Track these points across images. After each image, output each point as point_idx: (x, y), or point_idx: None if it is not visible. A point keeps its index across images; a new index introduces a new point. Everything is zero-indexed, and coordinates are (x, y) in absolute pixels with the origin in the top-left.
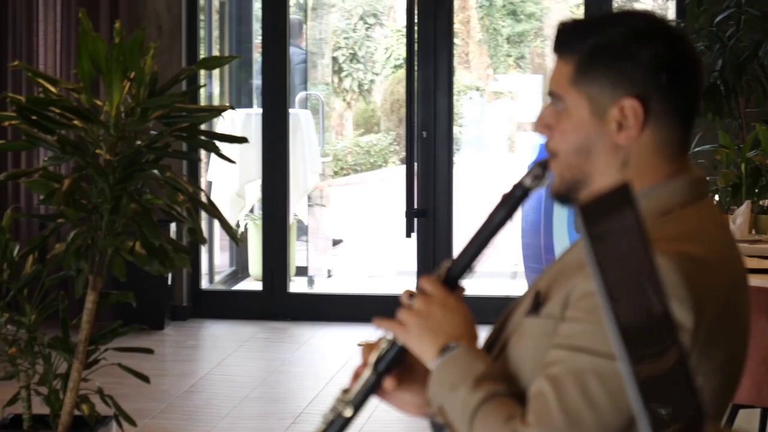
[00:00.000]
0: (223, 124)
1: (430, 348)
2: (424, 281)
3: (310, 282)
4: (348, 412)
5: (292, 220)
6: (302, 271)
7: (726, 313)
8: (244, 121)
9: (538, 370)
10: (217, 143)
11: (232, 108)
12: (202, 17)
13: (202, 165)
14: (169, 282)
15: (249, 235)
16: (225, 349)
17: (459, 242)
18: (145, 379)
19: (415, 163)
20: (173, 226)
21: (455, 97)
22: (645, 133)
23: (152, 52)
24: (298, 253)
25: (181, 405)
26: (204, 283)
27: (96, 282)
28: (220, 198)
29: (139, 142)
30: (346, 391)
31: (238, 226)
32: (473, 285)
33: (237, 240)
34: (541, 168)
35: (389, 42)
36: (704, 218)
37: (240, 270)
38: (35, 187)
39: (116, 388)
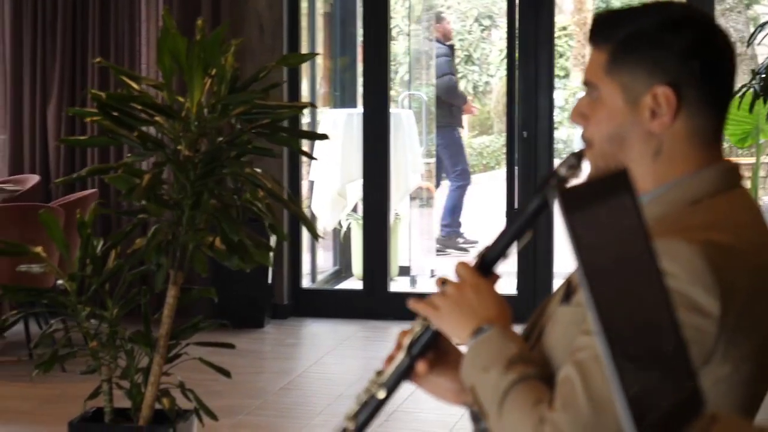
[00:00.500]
0: (325, 123)
1: (463, 331)
2: (459, 266)
3: (413, 281)
4: (381, 394)
5: (393, 219)
6: (405, 270)
7: (756, 300)
8: (345, 120)
9: (567, 356)
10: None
11: (313, 105)
12: (305, 12)
13: (304, 165)
14: (270, 280)
15: (352, 234)
16: (324, 347)
17: (559, 244)
18: (226, 373)
19: (516, 166)
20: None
21: (570, 98)
22: (678, 121)
23: (233, 48)
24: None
25: (276, 402)
26: (307, 283)
27: (177, 277)
28: (321, 197)
29: (220, 139)
30: (379, 373)
31: (340, 225)
32: None
33: (316, 235)
34: (575, 158)
35: (504, 44)
36: (735, 207)
37: (343, 269)
38: (118, 183)
39: (211, 385)
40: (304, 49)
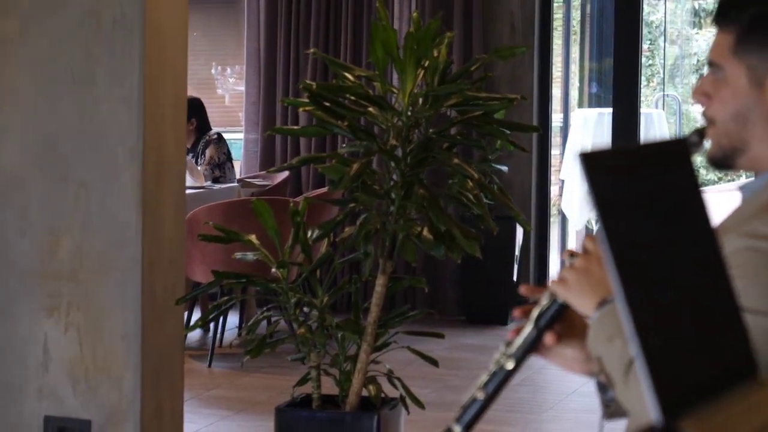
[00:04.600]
0: (576, 122)
1: (590, 302)
2: (587, 240)
3: None
4: (509, 365)
5: None
6: None
7: None
8: (596, 119)
9: None
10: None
11: (524, 98)
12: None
13: (555, 164)
14: (515, 278)
15: None
16: None
17: None
18: (434, 362)
19: None
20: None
21: None
22: None
23: (447, 41)
24: None
25: (508, 396)
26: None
27: (386, 266)
28: (571, 196)
29: (431, 130)
30: (508, 345)
31: (590, 223)
32: None
33: (526, 227)
34: (697, 135)
35: None
36: None
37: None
38: (330, 172)
39: (450, 380)
40: (557, 49)
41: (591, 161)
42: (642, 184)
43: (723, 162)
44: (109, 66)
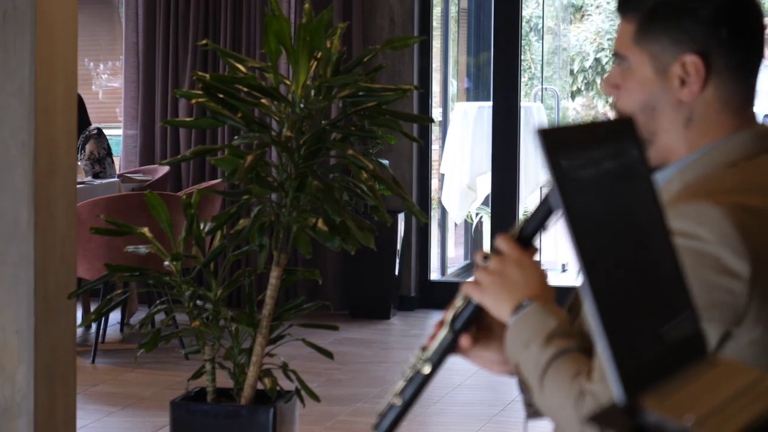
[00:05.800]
0: (456, 116)
1: (506, 306)
2: (500, 240)
3: None
4: (426, 370)
5: (522, 213)
6: None
7: None
8: (476, 113)
9: None
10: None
11: (417, 88)
12: (438, 6)
13: (434, 158)
14: (397, 272)
15: (484, 227)
16: None
17: None
18: (329, 355)
19: None
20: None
21: None
22: (708, 89)
23: (339, 32)
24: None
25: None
26: (436, 276)
27: (280, 258)
28: (451, 190)
29: (324, 121)
30: (424, 349)
31: (471, 219)
32: None
33: (422, 219)
34: None
35: None
36: (767, 171)
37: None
38: (222, 164)
39: (333, 374)
40: (436, 43)
41: (550, 138)
42: (598, 160)
43: None
44: (1, 60)
